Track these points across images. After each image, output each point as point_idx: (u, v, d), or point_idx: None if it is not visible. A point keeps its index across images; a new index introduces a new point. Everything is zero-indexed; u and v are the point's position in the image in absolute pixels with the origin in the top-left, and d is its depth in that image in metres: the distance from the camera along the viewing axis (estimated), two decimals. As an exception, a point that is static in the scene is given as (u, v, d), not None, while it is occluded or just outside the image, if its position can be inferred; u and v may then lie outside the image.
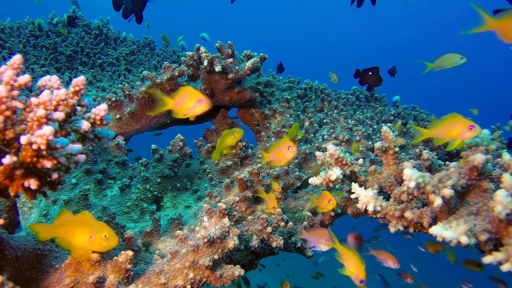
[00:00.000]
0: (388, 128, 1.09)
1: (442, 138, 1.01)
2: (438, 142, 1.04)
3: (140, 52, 2.82)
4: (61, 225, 0.86)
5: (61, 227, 0.86)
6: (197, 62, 1.78)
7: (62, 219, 0.86)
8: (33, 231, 0.86)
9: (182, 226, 1.26)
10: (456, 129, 0.95)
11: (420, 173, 0.83)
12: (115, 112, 1.76)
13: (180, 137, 1.58)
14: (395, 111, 2.25)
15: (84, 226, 0.86)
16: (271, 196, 1.27)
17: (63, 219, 0.86)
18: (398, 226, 0.96)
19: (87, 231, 0.85)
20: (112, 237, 0.86)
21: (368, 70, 2.28)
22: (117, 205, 1.36)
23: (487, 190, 0.87)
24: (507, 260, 0.73)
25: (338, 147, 1.11)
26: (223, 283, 0.90)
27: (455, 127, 0.96)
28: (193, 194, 1.57)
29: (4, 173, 0.66)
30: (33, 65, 2.29)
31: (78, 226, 0.86)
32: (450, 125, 0.97)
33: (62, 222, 0.86)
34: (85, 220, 0.87)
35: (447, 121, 0.99)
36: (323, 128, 2.02)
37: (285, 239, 1.17)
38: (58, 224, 0.86)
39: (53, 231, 0.86)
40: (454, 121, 0.97)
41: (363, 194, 0.96)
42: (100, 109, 0.79)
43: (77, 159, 0.72)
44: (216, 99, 1.85)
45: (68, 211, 0.89)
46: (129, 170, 1.56)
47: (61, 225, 0.86)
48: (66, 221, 0.86)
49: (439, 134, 1.02)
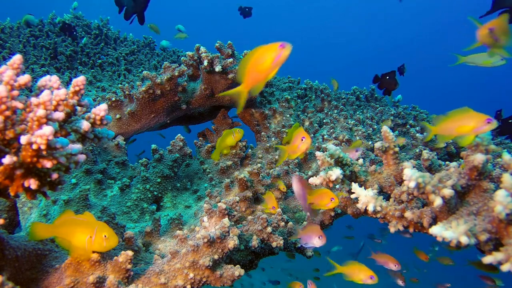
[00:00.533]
0: (388, 128, 1.09)
1: (452, 134, 0.97)
2: (444, 139, 1.01)
3: (140, 52, 2.83)
4: (61, 224, 0.86)
5: (61, 227, 0.86)
6: (197, 62, 1.78)
7: (62, 218, 0.87)
8: (32, 230, 0.86)
9: (182, 226, 1.26)
10: (470, 124, 0.92)
11: (420, 173, 0.83)
12: (115, 112, 1.76)
13: (180, 137, 1.58)
14: (395, 111, 2.25)
15: (84, 226, 0.86)
16: (271, 196, 1.28)
17: (63, 219, 0.87)
18: (398, 226, 0.96)
19: (87, 231, 0.85)
20: (112, 237, 0.86)
21: (386, 74, 2.31)
22: (117, 205, 1.36)
23: (487, 190, 0.87)
24: (507, 260, 0.73)
25: (338, 147, 1.11)
26: (223, 283, 0.90)
27: (468, 122, 0.92)
28: (193, 194, 1.57)
29: (4, 173, 0.66)
30: (33, 65, 2.29)
31: (78, 226, 0.86)
32: (462, 120, 0.93)
33: (63, 221, 0.86)
34: (86, 220, 0.87)
35: (458, 116, 0.95)
36: (323, 128, 2.02)
37: (285, 239, 1.17)
38: (58, 224, 0.86)
39: (52, 230, 0.86)
40: (466, 116, 0.93)
41: (363, 194, 0.96)
42: (100, 109, 0.79)
43: (77, 159, 0.72)
44: (216, 99, 1.85)
45: (70, 211, 0.89)
46: (129, 170, 1.56)
47: (61, 224, 0.86)
48: (66, 221, 0.86)
49: (448, 130, 0.97)
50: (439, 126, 1.00)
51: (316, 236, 1.13)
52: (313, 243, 1.13)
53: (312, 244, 1.14)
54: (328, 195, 1.07)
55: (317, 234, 1.13)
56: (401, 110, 2.29)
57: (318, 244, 1.13)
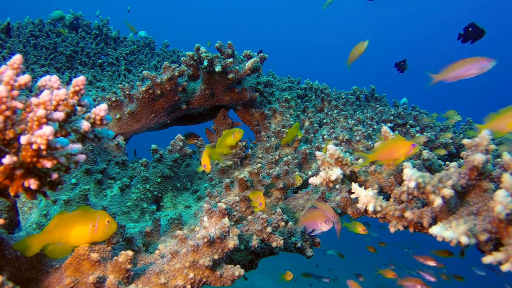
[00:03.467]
0: (388, 128, 1.09)
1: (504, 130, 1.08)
2: (498, 135, 1.10)
3: (140, 52, 2.83)
4: (54, 227, 0.84)
5: (55, 230, 0.84)
6: (197, 62, 1.78)
7: (56, 220, 0.85)
8: (25, 246, 0.81)
9: (182, 226, 1.26)
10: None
11: (420, 173, 0.83)
12: (115, 112, 1.76)
13: (180, 137, 1.58)
14: (395, 111, 2.25)
15: (83, 217, 0.86)
16: (258, 194, 1.26)
17: (57, 220, 0.85)
18: (398, 226, 0.96)
19: (88, 220, 0.86)
20: (113, 223, 0.89)
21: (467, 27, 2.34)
22: (117, 205, 1.36)
23: (487, 190, 0.87)
24: (507, 260, 0.73)
25: (338, 147, 1.11)
26: (223, 283, 0.90)
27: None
28: (193, 194, 1.57)
29: (4, 173, 0.66)
30: (33, 65, 2.29)
31: (76, 220, 0.86)
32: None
33: (56, 223, 0.84)
34: (81, 212, 0.88)
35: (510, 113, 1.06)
36: (323, 128, 2.02)
37: (285, 239, 1.17)
38: (50, 227, 0.84)
39: (45, 237, 0.83)
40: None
41: (363, 194, 0.96)
42: (100, 109, 0.79)
43: (77, 159, 0.72)
44: (216, 99, 1.85)
45: (64, 212, 0.88)
46: (129, 170, 1.56)
47: (54, 227, 0.84)
48: (60, 220, 0.85)
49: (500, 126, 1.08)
50: (491, 123, 1.10)
51: (322, 220, 1.05)
52: (321, 229, 1.05)
53: (320, 230, 1.05)
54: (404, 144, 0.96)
55: (322, 218, 1.05)
56: (401, 110, 2.29)
57: (326, 228, 1.04)
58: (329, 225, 1.06)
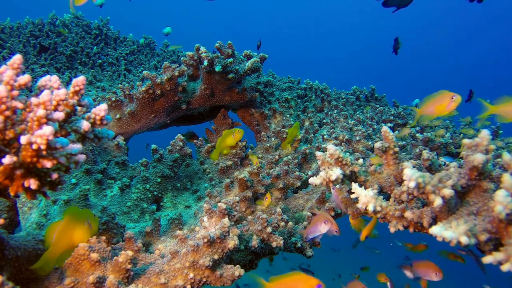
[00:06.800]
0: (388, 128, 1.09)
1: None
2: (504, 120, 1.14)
3: (140, 52, 2.82)
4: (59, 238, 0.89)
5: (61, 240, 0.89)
6: (197, 62, 1.78)
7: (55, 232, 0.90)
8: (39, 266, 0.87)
9: (182, 226, 1.26)
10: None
11: (420, 173, 0.83)
12: (115, 112, 1.76)
13: (180, 137, 1.58)
14: (395, 111, 2.25)
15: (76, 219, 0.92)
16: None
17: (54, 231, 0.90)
18: (398, 226, 0.96)
19: (82, 220, 0.93)
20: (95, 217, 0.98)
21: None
22: (117, 205, 1.36)
23: (487, 190, 0.87)
24: (507, 260, 0.73)
25: (338, 147, 1.11)
26: (223, 283, 0.90)
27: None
28: (193, 194, 1.57)
29: (4, 173, 0.66)
30: (33, 65, 2.29)
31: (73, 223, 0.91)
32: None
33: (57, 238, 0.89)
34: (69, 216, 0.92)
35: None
36: (323, 128, 2.02)
37: (285, 239, 1.17)
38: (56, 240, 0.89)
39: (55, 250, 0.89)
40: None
41: (363, 194, 0.96)
42: (100, 109, 0.79)
43: (77, 159, 0.72)
44: (216, 99, 1.85)
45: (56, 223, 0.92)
46: (129, 170, 1.56)
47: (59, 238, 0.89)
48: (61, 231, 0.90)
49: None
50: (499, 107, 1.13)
51: (321, 221, 1.08)
52: (320, 231, 1.09)
53: (320, 232, 1.10)
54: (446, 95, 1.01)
55: (321, 219, 1.08)
56: (401, 110, 2.29)
57: (325, 228, 1.08)
58: (329, 225, 1.07)
